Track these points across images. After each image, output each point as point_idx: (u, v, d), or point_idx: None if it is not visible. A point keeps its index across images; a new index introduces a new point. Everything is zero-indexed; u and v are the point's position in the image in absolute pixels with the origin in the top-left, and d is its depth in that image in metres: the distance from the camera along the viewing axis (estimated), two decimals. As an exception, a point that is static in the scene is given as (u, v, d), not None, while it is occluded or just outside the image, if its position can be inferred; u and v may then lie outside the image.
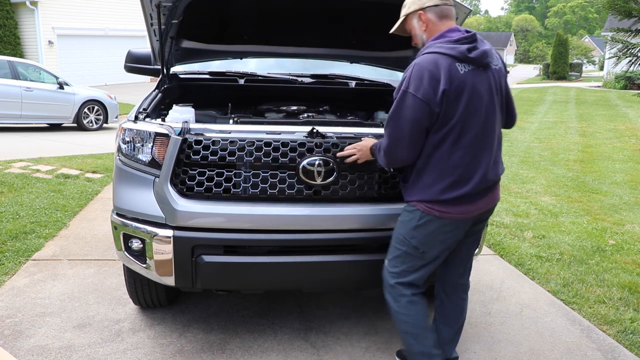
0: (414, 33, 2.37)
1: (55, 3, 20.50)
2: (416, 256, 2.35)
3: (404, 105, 2.17)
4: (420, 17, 2.31)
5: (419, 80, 2.14)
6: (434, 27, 2.29)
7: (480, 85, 2.21)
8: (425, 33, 2.32)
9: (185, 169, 2.52)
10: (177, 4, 2.92)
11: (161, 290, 3.11)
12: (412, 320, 2.40)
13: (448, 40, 2.21)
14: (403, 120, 2.18)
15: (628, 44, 10.89)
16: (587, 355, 2.97)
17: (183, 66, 3.77)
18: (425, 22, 2.30)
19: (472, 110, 2.19)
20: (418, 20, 2.32)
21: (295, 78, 3.70)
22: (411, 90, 2.15)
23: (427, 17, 2.29)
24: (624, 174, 7.85)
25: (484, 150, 2.27)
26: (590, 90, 26.80)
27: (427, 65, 2.14)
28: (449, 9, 2.31)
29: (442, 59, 2.15)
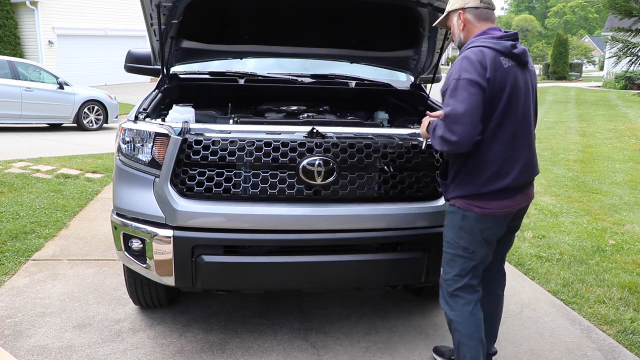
0: (453, 31, 2.46)
1: (55, 3, 20.50)
2: (467, 257, 2.36)
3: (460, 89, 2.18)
4: (459, 16, 2.38)
5: (470, 67, 2.18)
6: (472, 27, 2.37)
7: (521, 82, 2.28)
8: (463, 32, 2.40)
9: (185, 169, 2.52)
10: (177, 4, 2.92)
11: (161, 290, 3.10)
12: (469, 331, 2.41)
13: (492, 36, 2.27)
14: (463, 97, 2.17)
15: (628, 44, 10.88)
16: (587, 355, 2.97)
17: (183, 66, 3.77)
18: (464, 22, 2.38)
19: (513, 104, 2.24)
20: (458, 18, 2.40)
21: (295, 78, 3.70)
22: (464, 77, 2.17)
23: (465, 17, 2.37)
24: (624, 174, 7.85)
25: (523, 145, 2.31)
26: (590, 90, 26.80)
27: (474, 56, 2.20)
28: (488, 12, 2.37)
29: (487, 51, 2.21)
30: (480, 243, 2.35)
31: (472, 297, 2.42)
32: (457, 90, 2.17)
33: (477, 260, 2.37)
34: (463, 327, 2.40)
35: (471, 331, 2.40)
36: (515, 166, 2.28)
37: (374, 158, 2.61)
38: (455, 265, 2.39)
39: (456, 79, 2.19)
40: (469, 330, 2.40)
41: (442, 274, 2.45)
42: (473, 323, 2.41)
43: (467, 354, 2.40)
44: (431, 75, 3.70)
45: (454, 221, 2.37)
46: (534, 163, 2.40)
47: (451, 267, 2.40)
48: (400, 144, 2.66)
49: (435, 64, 3.59)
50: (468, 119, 2.15)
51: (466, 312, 2.39)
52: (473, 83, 2.16)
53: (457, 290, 2.39)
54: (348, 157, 2.56)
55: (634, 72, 21.24)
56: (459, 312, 2.39)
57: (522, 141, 2.30)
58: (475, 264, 2.38)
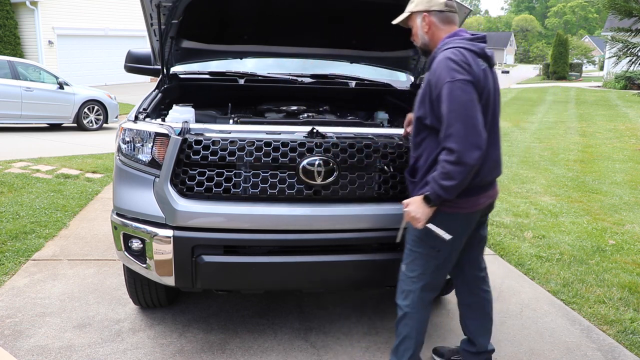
0: (415, 31, 2.42)
1: (55, 3, 20.51)
2: (432, 256, 2.36)
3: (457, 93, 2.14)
4: (424, 18, 2.36)
5: (459, 67, 2.16)
6: (437, 30, 2.35)
7: (491, 83, 2.29)
8: (427, 35, 2.37)
9: (185, 169, 2.52)
10: (177, 4, 2.92)
11: (161, 290, 3.11)
12: (420, 326, 2.44)
13: (464, 38, 2.27)
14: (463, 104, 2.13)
15: (628, 44, 10.88)
16: (587, 355, 2.97)
17: (183, 66, 3.77)
18: (429, 25, 2.35)
19: (487, 105, 2.25)
20: (422, 20, 2.37)
21: (295, 78, 3.70)
22: (459, 78, 2.14)
23: (430, 20, 2.34)
24: (624, 174, 7.85)
25: (492, 144, 2.31)
26: (590, 90, 26.80)
27: (455, 57, 2.18)
28: (452, 16, 2.37)
29: (466, 52, 2.21)
30: (447, 242, 2.33)
31: (431, 296, 2.45)
32: (455, 93, 2.13)
33: (441, 259, 2.37)
34: (415, 322, 2.42)
35: (421, 326, 2.44)
36: (485, 165, 2.28)
37: (374, 158, 2.61)
38: (419, 264, 2.38)
39: (450, 82, 2.14)
40: (420, 325, 2.43)
41: (405, 270, 2.43)
42: (425, 318, 2.45)
43: (410, 348, 2.43)
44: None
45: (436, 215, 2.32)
46: (500, 162, 2.42)
47: (416, 264, 2.39)
48: (400, 144, 2.66)
49: (435, 64, 3.58)
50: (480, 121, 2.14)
51: (422, 308, 2.42)
52: (468, 83, 2.15)
53: (419, 288, 2.39)
54: (348, 157, 2.56)
55: (634, 72, 21.25)
56: (415, 307, 2.40)
57: (491, 140, 2.30)
58: (439, 263, 2.38)
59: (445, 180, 2.15)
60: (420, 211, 2.24)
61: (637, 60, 10.87)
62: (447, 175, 2.15)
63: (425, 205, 2.23)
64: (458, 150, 2.11)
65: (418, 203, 2.25)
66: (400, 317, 2.46)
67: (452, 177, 2.14)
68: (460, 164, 2.12)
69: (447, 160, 2.14)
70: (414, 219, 2.27)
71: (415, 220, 2.27)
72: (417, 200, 2.26)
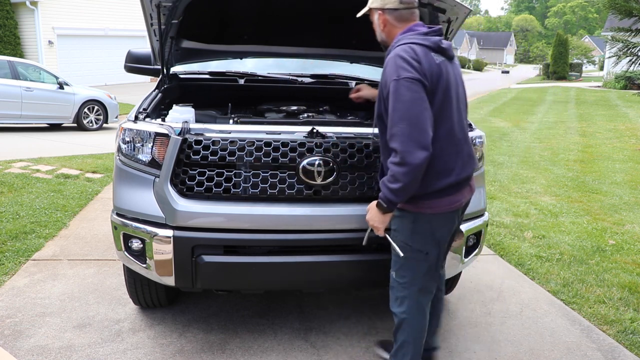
0: (374, 27, 2.43)
1: (55, 3, 20.51)
2: (420, 260, 2.33)
3: (402, 91, 2.10)
4: (379, 16, 2.36)
5: (406, 64, 2.12)
6: (393, 28, 2.34)
7: (452, 76, 2.26)
8: (384, 33, 2.38)
9: (185, 169, 2.52)
10: (177, 4, 2.92)
11: (161, 290, 3.11)
12: (418, 333, 2.42)
13: (418, 33, 2.25)
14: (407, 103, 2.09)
15: (628, 43, 10.89)
16: (587, 355, 2.97)
17: (183, 66, 3.77)
18: (384, 22, 2.35)
19: (448, 99, 2.22)
20: (378, 17, 2.37)
21: (295, 78, 3.70)
22: (404, 76, 2.11)
23: (385, 18, 2.34)
24: (624, 174, 7.86)
25: (461, 139, 2.29)
26: (590, 90, 26.81)
27: (406, 54, 2.15)
28: (409, 13, 2.33)
29: (418, 47, 2.18)
30: (434, 243, 2.32)
31: (427, 300, 2.42)
32: (400, 91, 2.09)
33: (431, 261, 2.34)
34: (413, 328, 2.39)
35: (420, 333, 2.41)
36: (458, 161, 2.25)
37: (374, 158, 2.61)
38: (409, 268, 2.34)
39: (396, 80, 2.11)
40: (418, 331, 2.41)
41: (395, 277, 2.38)
42: (423, 324, 2.42)
43: (408, 353, 2.41)
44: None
45: (405, 225, 2.29)
46: (473, 155, 2.38)
47: (405, 270, 2.35)
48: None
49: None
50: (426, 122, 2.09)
51: (418, 313, 2.39)
52: (415, 81, 2.10)
53: (413, 292, 2.36)
54: (348, 157, 2.57)
55: (634, 72, 21.25)
56: (412, 313, 2.37)
57: (460, 135, 2.28)
58: (430, 265, 2.35)
59: (392, 183, 2.12)
60: (377, 218, 2.23)
61: (637, 60, 10.87)
62: (393, 177, 2.11)
63: (380, 211, 2.21)
64: (402, 151, 2.07)
65: (374, 210, 2.24)
66: (397, 325, 2.43)
67: (397, 179, 2.10)
68: (405, 165, 2.07)
69: (392, 162, 2.10)
70: (372, 226, 2.26)
71: (374, 227, 2.26)
72: (372, 206, 2.25)
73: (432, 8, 3.06)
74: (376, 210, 2.23)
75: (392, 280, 2.42)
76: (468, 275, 3.93)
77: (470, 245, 2.87)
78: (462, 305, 3.51)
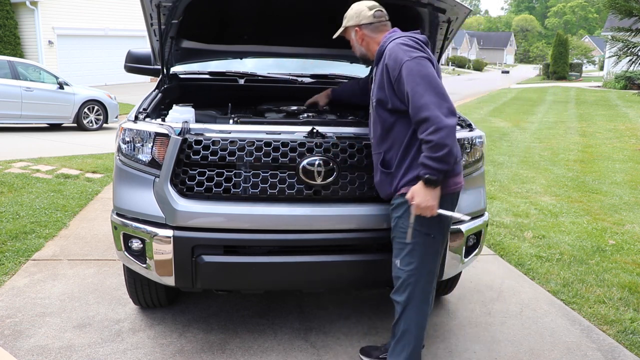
0: (352, 44, 2.59)
1: (55, 3, 20.51)
2: (428, 244, 2.34)
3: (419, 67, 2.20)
4: (357, 32, 2.52)
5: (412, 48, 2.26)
6: (371, 39, 2.50)
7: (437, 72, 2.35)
8: (363, 46, 2.53)
9: (185, 169, 2.52)
10: (177, 4, 2.92)
11: (161, 290, 3.11)
12: (421, 320, 2.42)
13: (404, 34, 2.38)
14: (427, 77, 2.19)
15: (628, 43, 10.89)
16: (587, 355, 2.97)
17: (183, 66, 3.77)
18: (362, 37, 2.52)
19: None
20: (355, 34, 2.53)
21: (295, 78, 3.70)
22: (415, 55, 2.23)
23: (362, 33, 2.51)
24: (624, 174, 7.86)
25: None
26: (590, 90, 26.81)
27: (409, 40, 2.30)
28: (384, 24, 2.50)
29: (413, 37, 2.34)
30: (440, 226, 2.35)
31: (432, 286, 2.43)
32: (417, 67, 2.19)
33: (438, 244, 2.37)
34: (416, 315, 2.39)
35: (423, 321, 2.42)
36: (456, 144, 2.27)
37: (374, 158, 2.61)
38: (417, 254, 2.35)
39: (409, 60, 2.21)
40: (421, 318, 2.41)
41: (400, 265, 2.38)
42: (426, 312, 2.43)
43: (410, 342, 2.41)
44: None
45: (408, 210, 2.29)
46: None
47: (413, 256, 2.35)
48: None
49: (435, 64, 3.59)
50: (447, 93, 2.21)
51: (422, 301, 2.39)
52: (427, 59, 2.24)
53: (420, 279, 2.36)
54: (348, 157, 2.56)
55: (634, 72, 21.26)
56: (416, 299, 2.38)
57: None
58: (437, 249, 2.38)
59: (437, 152, 2.14)
60: (429, 196, 2.20)
61: (637, 60, 10.87)
62: (436, 146, 2.14)
63: (430, 188, 2.20)
64: (435, 116, 2.13)
65: (423, 190, 2.20)
66: (399, 315, 2.42)
67: (442, 145, 2.13)
68: (443, 129, 2.12)
69: (430, 132, 2.13)
70: (426, 207, 2.21)
71: (428, 209, 2.22)
72: (419, 189, 2.21)
73: (432, 8, 3.06)
74: (425, 189, 2.20)
75: (397, 270, 2.41)
76: (468, 275, 3.93)
77: (470, 245, 2.86)
78: (462, 305, 3.51)
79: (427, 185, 2.19)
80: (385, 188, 2.43)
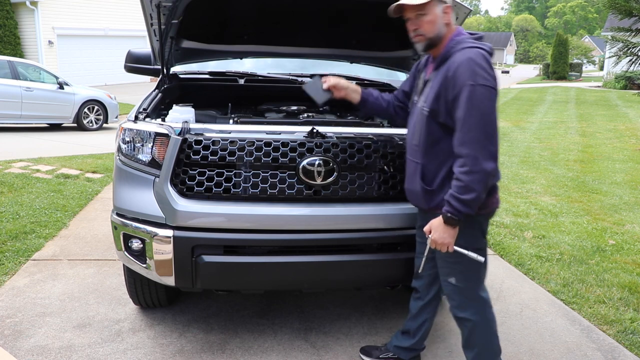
0: (430, 20, 2.22)
1: (55, 3, 20.50)
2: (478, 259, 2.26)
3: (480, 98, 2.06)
4: (446, 9, 2.25)
5: (482, 70, 2.08)
6: (449, 27, 2.27)
7: None
8: (445, 28, 2.25)
9: (185, 169, 2.52)
10: (177, 4, 2.92)
11: (161, 290, 3.11)
12: (494, 329, 2.41)
13: (471, 37, 2.23)
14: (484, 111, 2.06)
15: (628, 43, 10.89)
16: (587, 355, 2.97)
17: (183, 66, 3.77)
18: (448, 19, 2.26)
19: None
20: (443, 12, 2.24)
21: (295, 78, 3.69)
22: (480, 82, 2.07)
23: (449, 15, 2.26)
24: (624, 174, 7.85)
25: None
26: (590, 90, 26.80)
27: (481, 60, 2.11)
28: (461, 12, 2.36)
29: (485, 54, 2.15)
30: (484, 239, 2.32)
31: (488, 296, 2.40)
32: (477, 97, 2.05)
33: (485, 252, 2.32)
34: (488, 326, 2.38)
35: (495, 328, 2.40)
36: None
37: (374, 158, 2.61)
38: (474, 269, 2.30)
39: (472, 85, 2.06)
40: (493, 327, 2.40)
41: (457, 283, 2.33)
42: (494, 319, 2.41)
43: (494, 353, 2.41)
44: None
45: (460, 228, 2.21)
46: None
47: (470, 272, 2.31)
48: (400, 143, 2.65)
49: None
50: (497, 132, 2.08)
51: (488, 309, 2.38)
52: (492, 90, 2.08)
53: (481, 291, 2.35)
54: (348, 157, 2.56)
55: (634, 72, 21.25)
56: (482, 311, 2.36)
57: None
58: (485, 259, 2.30)
59: (465, 194, 2.07)
60: (447, 234, 2.16)
61: (637, 60, 10.87)
62: (466, 188, 2.07)
63: (450, 227, 2.14)
64: (475, 157, 2.05)
65: (442, 227, 2.15)
66: (469, 332, 2.38)
67: (471, 189, 2.06)
68: (479, 173, 2.05)
69: (464, 171, 2.07)
70: (442, 244, 2.18)
71: (444, 245, 2.18)
72: (439, 224, 2.16)
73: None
74: (444, 227, 2.15)
75: (451, 287, 2.36)
76: (468, 275, 3.92)
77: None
78: (462, 305, 3.51)
79: (447, 224, 2.15)
80: (421, 201, 2.34)
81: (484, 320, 2.37)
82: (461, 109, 2.09)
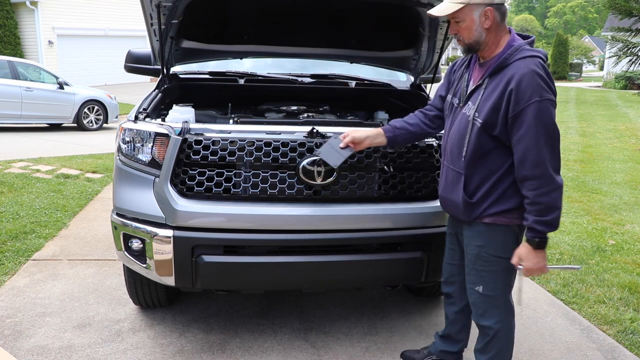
0: (469, 26, 2.13)
1: (55, 3, 20.49)
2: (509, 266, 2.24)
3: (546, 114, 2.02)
4: (486, 13, 2.10)
5: (544, 84, 2.02)
6: (498, 28, 2.13)
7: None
8: (486, 32, 2.12)
9: (185, 169, 2.52)
10: (177, 4, 2.92)
11: (161, 290, 3.11)
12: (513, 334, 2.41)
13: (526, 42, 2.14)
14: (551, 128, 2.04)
15: (628, 43, 10.89)
16: (587, 355, 2.97)
17: (183, 66, 3.77)
18: (491, 21, 2.11)
19: None
20: (482, 15, 2.10)
21: (295, 78, 3.69)
22: (545, 97, 2.01)
23: (493, 16, 2.11)
24: (624, 174, 7.85)
25: None
26: (590, 90, 26.80)
27: (543, 72, 2.04)
28: (506, 9, 2.18)
29: (544, 63, 2.08)
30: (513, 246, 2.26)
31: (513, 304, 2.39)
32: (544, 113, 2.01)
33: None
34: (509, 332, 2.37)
35: (513, 334, 2.40)
36: None
37: (374, 158, 2.61)
38: (502, 278, 2.29)
39: (538, 101, 1.99)
40: (513, 333, 2.40)
41: (484, 291, 2.30)
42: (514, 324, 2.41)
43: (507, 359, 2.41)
44: (431, 75, 3.70)
45: (496, 238, 2.22)
46: None
47: (498, 281, 2.29)
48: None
49: (435, 64, 3.59)
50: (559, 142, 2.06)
51: (511, 316, 2.37)
52: (554, 104, 2.04)
53: (507, 299, 2.34)
54: (348, 157, 2.56)
55: (634, 72, 21.24)
56: (506, 319, 2.35)
57: None
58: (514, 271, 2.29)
59: (548, 215, 2.06)
60: (539, 259, 2.13)
61: (637, 60, 10.87)
62: (548, 209, 2.06)
63: (540, 251, 2.12)
64: (550, 176, 2.05)
65: (532, 254, 2.12)
66: (490, 339, 2.36)
67: (554, 207, 2.06)
68: (556, 190, 2.06)
69: (541, 193, 2.04)
70: (538, 270, 2.15)
71: (540, 270, 2.16)
72: (527, 252, 2.12)
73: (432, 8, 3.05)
74: (535, 253, 2.12)
75: (477, 296, 2.33)
76: (468, 275, 3.92)
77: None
78: (462, 305, 3.51)
79: (537, 249, 2.11)
80: (460, 212, 2.27)
81: (506, 328, 2.36)
82: (528, 126, 2.03)
